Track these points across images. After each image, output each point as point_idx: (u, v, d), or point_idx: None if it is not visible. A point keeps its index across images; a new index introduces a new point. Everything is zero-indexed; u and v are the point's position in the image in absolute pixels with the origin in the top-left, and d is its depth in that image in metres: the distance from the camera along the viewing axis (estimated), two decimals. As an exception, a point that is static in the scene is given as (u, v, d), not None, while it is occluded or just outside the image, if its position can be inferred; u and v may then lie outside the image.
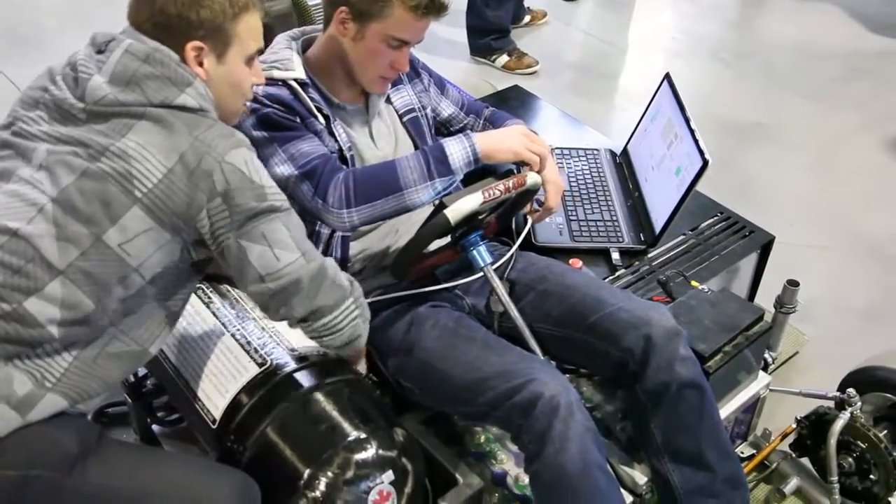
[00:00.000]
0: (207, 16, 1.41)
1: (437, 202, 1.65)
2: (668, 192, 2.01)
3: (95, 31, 1.46)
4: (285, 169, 1.68)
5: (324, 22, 1.80)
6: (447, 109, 2.05)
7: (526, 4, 4.42)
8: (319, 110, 1.76)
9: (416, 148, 1.90)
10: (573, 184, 2.23)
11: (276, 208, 1.43)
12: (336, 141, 1.77)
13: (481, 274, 1.73)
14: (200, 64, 1.43)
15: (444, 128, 2.09)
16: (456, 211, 1.61)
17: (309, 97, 1.75)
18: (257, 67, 1.53)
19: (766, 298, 2.31)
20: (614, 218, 2.12)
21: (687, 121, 1.97)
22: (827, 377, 2.13)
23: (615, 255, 2.03)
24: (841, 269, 2.92)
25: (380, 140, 1.87)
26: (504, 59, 4.05)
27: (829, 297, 2.73)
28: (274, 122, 1.71)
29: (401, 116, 1.92)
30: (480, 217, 1.74)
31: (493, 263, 1.74)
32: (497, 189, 1.66)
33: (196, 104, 1.41)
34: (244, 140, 1.44)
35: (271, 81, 1.73)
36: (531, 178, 1.72)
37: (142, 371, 1.94)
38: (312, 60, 1.82)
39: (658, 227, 2.06)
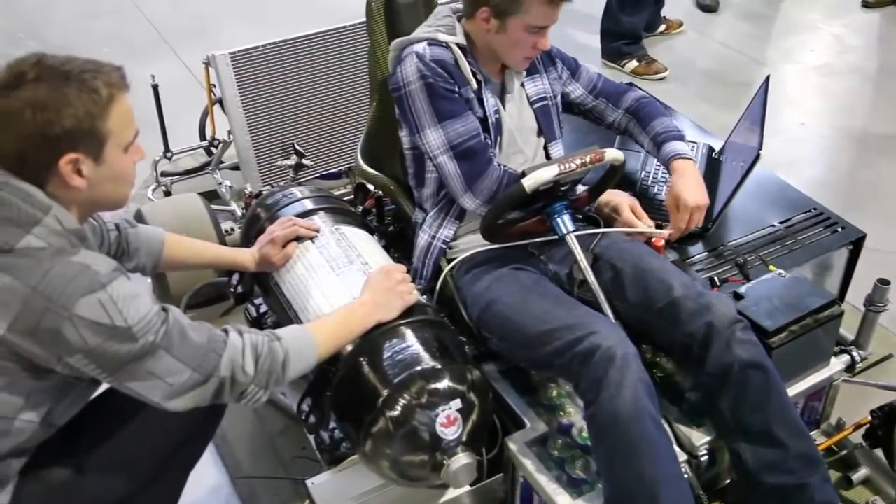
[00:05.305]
0: (73, 124, 1.29)
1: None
2: (731, 182, 2.10)
3: (267, 24, 1.49)
4: (439, 142, 1.95)
5: (464, 13, 2.02)
6: (575, 92, 2.23)
7: (662, 13, 4.51)
8: (474, 75, 1.98)
9: (540, 132, 2.11)
10: (658, 167, 2.34)
11: (152, 343, 1.33)
12: (483, 107, 1.99)
13: (558, 237, 1.90)
14: (79, 173, 1.33)
15: (575, 108, 2.27)
16: (532, 180, 1.80)
17: (467, 61, 1.97)
18: (136, 145, 1.43)
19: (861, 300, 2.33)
20: None
21: (763, 119, 2.06)
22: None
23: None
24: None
25: (508, 116, 2.07)
26: (633, 64, 4.16)
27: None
28: (436, 92, 1.93)
29: (531, 102, 2.11)
30: (563, 188, 1.91)
31: (574, 232, 1.90)
32: (573, 163, 1.83)
33: (42, 244, 1.28)
34: (98, 276, 1.29)
35: (436, 42, 1.97)
36: (610, 153, 1.87)
37: (263, 308, 2.22)
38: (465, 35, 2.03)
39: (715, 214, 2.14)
